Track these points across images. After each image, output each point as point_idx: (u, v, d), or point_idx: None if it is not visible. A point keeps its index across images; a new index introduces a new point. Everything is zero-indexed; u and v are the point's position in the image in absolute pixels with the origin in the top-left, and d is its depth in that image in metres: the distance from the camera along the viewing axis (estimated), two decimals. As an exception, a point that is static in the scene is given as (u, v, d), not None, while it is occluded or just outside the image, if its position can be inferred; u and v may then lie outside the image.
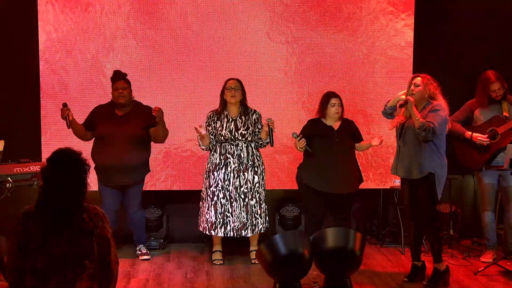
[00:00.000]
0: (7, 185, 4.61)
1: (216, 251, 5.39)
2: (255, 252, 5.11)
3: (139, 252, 5.48)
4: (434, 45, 6.16)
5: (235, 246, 5.68)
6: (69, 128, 5.21)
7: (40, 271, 2.84)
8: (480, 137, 5.17)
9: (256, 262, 5.03)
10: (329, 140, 5.16)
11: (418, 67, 6.01)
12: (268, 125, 5.15)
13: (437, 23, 6.18)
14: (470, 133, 5.22)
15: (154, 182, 5.79)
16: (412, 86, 4.60)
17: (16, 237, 2.91)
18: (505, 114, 5.23)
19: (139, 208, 5.49)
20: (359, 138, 5.33)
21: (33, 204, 2.99)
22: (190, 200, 6.08)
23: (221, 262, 5.32)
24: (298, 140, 5.10)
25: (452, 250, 5.72)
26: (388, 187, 5.98)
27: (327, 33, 6.02)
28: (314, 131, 5.21)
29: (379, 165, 6.12)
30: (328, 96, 5.23)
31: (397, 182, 5.84)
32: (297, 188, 5.68)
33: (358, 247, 4.19)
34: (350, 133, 5.25)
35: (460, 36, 6.13)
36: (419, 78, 4.58)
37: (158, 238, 5.87)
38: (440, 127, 4.48)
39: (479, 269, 5.01)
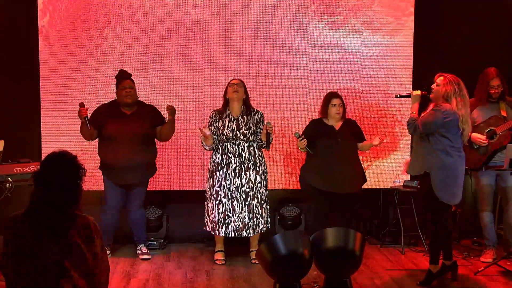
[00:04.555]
0: (7, 185, 4.61)
1: (218, 251, 5.39)
2: (255, 252, 5.11)
3: (139, 252, 5.47)
4: (433, 46, 6.16)
5: (235, 246, 5.68)
6: (89, 128, 5.16)
7: (27, 276, 2.76)
8: (479, 138, 5.17)
9: (256, 262, 5.03)
10: (331, 141, 5.17)
11: (418, 68, 6.03)
12: (266, 129, 5.16)
13: (436, 24, 6.19)
14: None
15: (154, 182, 5.78)
16: (434, 84, 4.65)
17: (5, 242, 2.82)
18: (503, 114, 5.23)
19: (140, 207, 5.50)
20: (362, 138, 5.34)
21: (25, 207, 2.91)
22: (190, 200, 6.09)
23: (223, 262, 5.32)
24: (300, 141, 5.11)
25: (452, 250, 5.71)
26: (388, 187, 5.98)
27: (329, 33, 6.03)
28: (316, 132, 5.22)
29: (379, 165, 6.13)
30: (329, 96, 5.26)
31: (397, 182, 5.85)
32: (297, 188, 5.69)
33: (358, 247, 4.18)
34: (352, 133, 5.26)
35: (460, 37, 6.14)
36: (441, 78, 4.61)
37: (158, 238, 5.86)
38: (424, 126, 4.53)
39: (479, 269, 5.01)
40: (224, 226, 5.21)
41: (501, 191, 5.38)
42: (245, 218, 5.20)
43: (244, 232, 5.21)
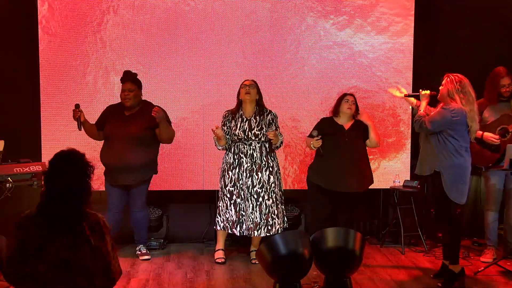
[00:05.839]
0: (7, 185, 4.61)
1: (219, 249, 5.39)
2: (255, 252, 5.11)
3: (139, 252, 5.47)
4: (434, 47, 6.16)
5: (235, 246, 5.68)
6: (80, 130, 5.21)
7: (39, 277, 2.78)
8: (491, 137, 5.17)
9: (256, 262, 5.03)
10: (338, 139, 5.18)
11: (418, 70, 6.03)
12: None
13: (437, 25, 6.18)
14: (481, 132, 5.19)
15: (154, 182, 5.77)
16: (441, 85, 4.73)
17: (15, 242, 2.84)
18: None
19: (143, 208, 5.48)
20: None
21: (33, 206, 2.92)
22: (190, 200, 6.09)
23: (223, 260, 5.32)
24: (317, 140, 5.11)
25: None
26: (388, 187, 5.98)
27: (336, 33, 6.03)
28: (325, 130, 5.23)
29: (379, 165, 6.12)
30: (343, 94, 5.33)
31: (397, 182, 5.85)
32: (296, 188, 5.69)
33: (358, 247, 4.18)
34: (361, 133, 5.26)
35: (460, 36, 6.14)
36: (446, 78, 4.68)
37: (158, 238, 5.87)
38: (431, 124, 4.57)
39: (479, 269, 5.01)
40: (238, 225, 5.22)
41: (506, 191, 5.37)
42: (256, 218, 5.19)
43: (256, 232, 5.20)
